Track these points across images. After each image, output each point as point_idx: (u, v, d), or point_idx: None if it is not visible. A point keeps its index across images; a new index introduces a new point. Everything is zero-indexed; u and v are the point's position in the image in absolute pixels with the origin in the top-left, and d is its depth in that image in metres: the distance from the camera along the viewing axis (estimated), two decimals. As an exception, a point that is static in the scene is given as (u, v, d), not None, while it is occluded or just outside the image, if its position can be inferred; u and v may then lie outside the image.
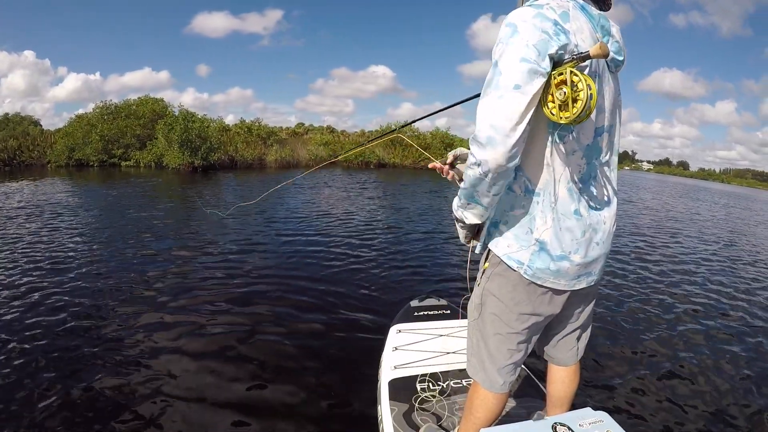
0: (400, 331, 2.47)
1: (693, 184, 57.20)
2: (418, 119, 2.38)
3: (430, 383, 2.02)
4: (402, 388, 1.98)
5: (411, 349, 2.27)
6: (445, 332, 2.44)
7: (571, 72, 0.98)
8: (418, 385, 2.00)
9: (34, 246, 5.37)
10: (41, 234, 6.01)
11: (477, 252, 1.37)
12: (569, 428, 1.17)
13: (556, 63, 1.02)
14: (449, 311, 2.73)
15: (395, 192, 13.42)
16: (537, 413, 1.77)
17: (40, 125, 26.33)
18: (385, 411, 1.85)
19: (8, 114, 27.17)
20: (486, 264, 1.31)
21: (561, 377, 1.50)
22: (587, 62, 1.05)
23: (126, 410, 2.31)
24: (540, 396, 1.92)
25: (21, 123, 25.30)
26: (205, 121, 19.79)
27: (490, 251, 1.28)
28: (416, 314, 2.68)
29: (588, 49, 0.98)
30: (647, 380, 2.86)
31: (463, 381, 2.04)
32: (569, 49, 1.02)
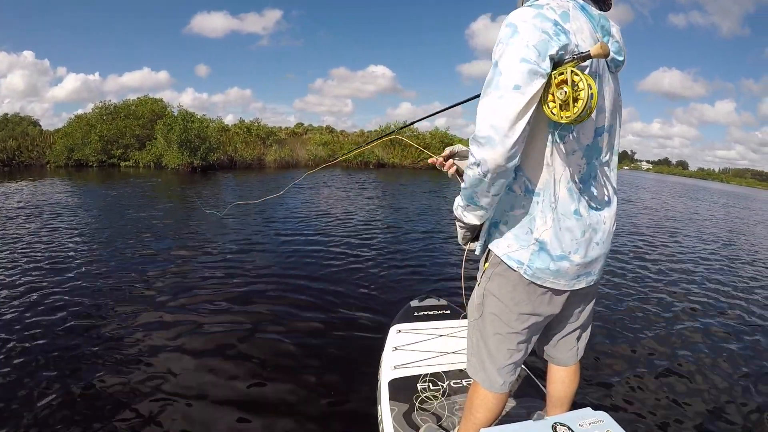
0: (400, 331, 2.46)
1: (692, 184, 57.20)
2: (418, 120, 2.35)
3: (430, 383, 2.02)
4: (402, 388, 1.98)
5: (411, 349, 2.27)
6: (445, 332, 2.44)
7: (572, 72, 0.98)
8: (419, 385, 2.00)
9: (34, 246, 5.36)
10: (41, 234, 6.00)
11: (477, 253, 1.37)
12: (569, 428, 1.17)
13: (557, 63, 1.02)
14: (449, 311, 2.73)
15: (394, 192, 13.41)
16: (537, 413, 1.77)
17: (40, 125, 26.43)
18: (385, 411, 1.85)
19: (7, 114, 27.25)
20: (486, 264, 1.31)
21: (561, 377, 1.50)
22: (588, 62, 1.05)
23: (126, 408, 2.31)
24: (540, 396, 1.92)
25: (20, 123, 25.33)
26: (204, 122, 19.80)
27: (490, 251, 1.28)
28: (416, 314, 2.68)
29: (588, 49, 0.98)
30: (647, 379, 2.87)
31: (463, 381, 2.04)
32: (570, 50, 1.02)
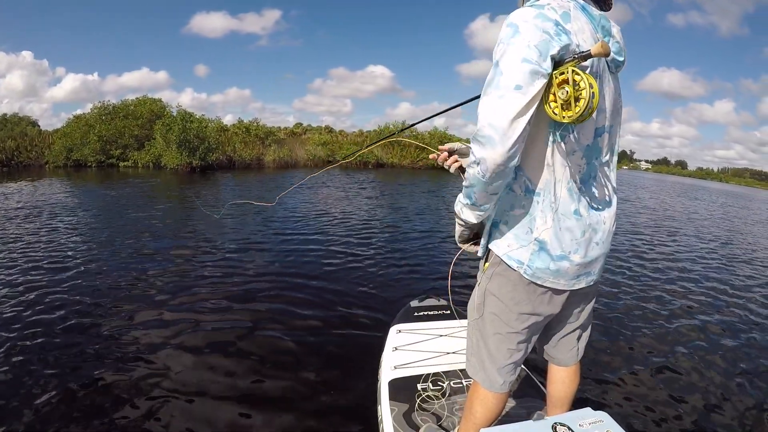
0: (400, 332, 2.46)
1: (691, 184, 57.26)
2: (419, 122, 2.34)
3: (431, 383, 2.02)
4: (402, 388, 1.98)
5: (411, 350, 2.27)
6: (445, 332, 2.44)
7: (573, 71, 0.97)
8: (419, 385, 2.00)
9: (33, 246, 5.35)
10: (40, 234, 5.99)
11: (479, 254, 1.36)
12: (569, 428, 1.17)
13: (557, 63, 1.02)
14: (449, 311, 2.73)
15: (393, 192, 13.40)
16: (537, 413, 1.78)
17: (38, 126, 26.33)
18: (385, 411, 1.85)
19: (6, 114, 27.11)
20: (486, 264, 1.31)
21: (561, 377, 1.50)
22: (588, 62, 1.05)
23: (126, 405, 2.33)
24: (540, 396, 1.92)
25: (19, 123, 25.24)
26: (203, 122, 19.75)
27: (491, 251, 1.28)
28: (416, 314, 2.68)
29: (589, 49, 0.98)
30: (646, 378, 2.87)
31: (464, 381, 2.04)
32: (571, 50, 1.02)
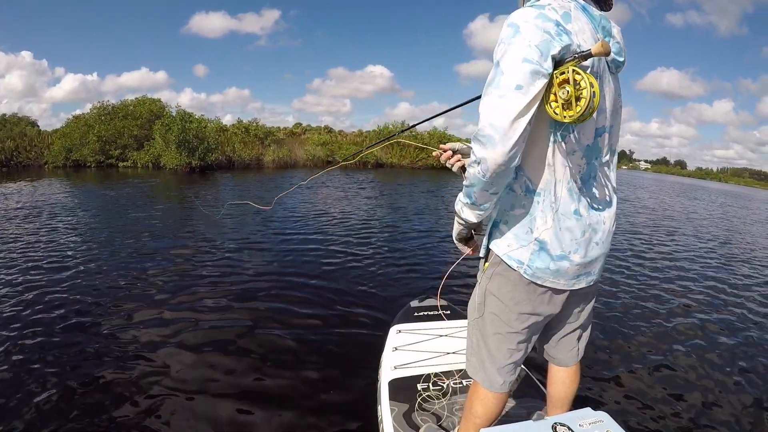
0: (400, 332, 2.46)
1: (690, 183, 57.28)
2: (420, 122, 2.33)
3: (431, 383, 2.02)
4: (402, 389, 1.98)
5: (411, 350, 2.27)
6: (445, 332, 2.44)
7: (574, 70, 0.97)
8: (419, 386, 2.00)
9: (33, 246, 5.35)
10: (40, 234, 5.99)
11: (480, 255, 1.37)
12: (569, 428, 1.17)
13: (558, 63, 1.02)
14: (449, 311, 2.73)
15: (393, 192, 13.39)
16: (537, 413, 1.78)
17: (38, 126, 26.34)
18: (385, 411, 1.85)
19: (5, 115, 27.09)
20: (486, 264, 1.31)
21: (561, 378, 1.50)
22: (589, 62, 1.06)
23: (127, 402, 2.34)
24: (540, 396, 1.93)
25: (18, 124, 25.23)
26: (203, 122, 19.74)
27: (491, 251, 1.28)
28: (416, 314, 2.68)
29: (589, 49, 0.98)
30: (646, 377, 2.88)
31: (464, 381, 2.04)
32: (571, 50, 1.02)
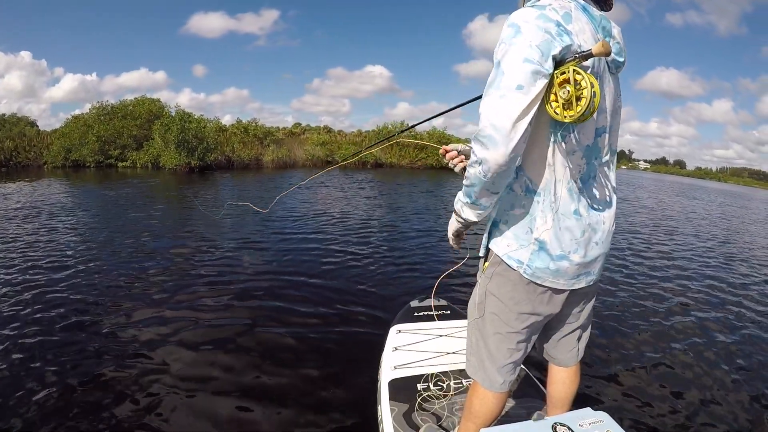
0: (400, 332, 2.46)
1: (689, 183, 57.35)
2: (420, 123, 2.33)
3: (431, 383, 2.02)
4: (402, 389, 1.98)
5: (411, 350, 2.27)
6: (445, 332, 2.44)
7: (574, 70, 0.97)
8: (419, 386, 2.00)
9: (33, 246, 5.35)
10: (39, 234, 5.98)
11: (479, 255, 1.37)
12: (569, 428, 1.17)
13: (558, 63, 1.02)
14: (449, 311, 2.73)
15: (392, 192, 13.40)
16: (537, 413, 1.78)
17: (37, 126, 26.25)
18: (385, 411, 1.85)
19: (5, 115, 26.98)
20: (486, 264, 1.31)
21: (562, 378, 1.50)
22: (589, 62, 1.06)
23: (127, 400, 2.35)
24: (540, 396, 1.93)
25: (17, 124, 25.16)
26: (202, 122, 19.71)
27: (490, 251, 1.28)
28: (416, 314, 2.68)
29: (590, 49, 0.98)
30: (645, 376, 2.88)
31: (464, 381, 2.04)
32: (572, 51, 1.02)
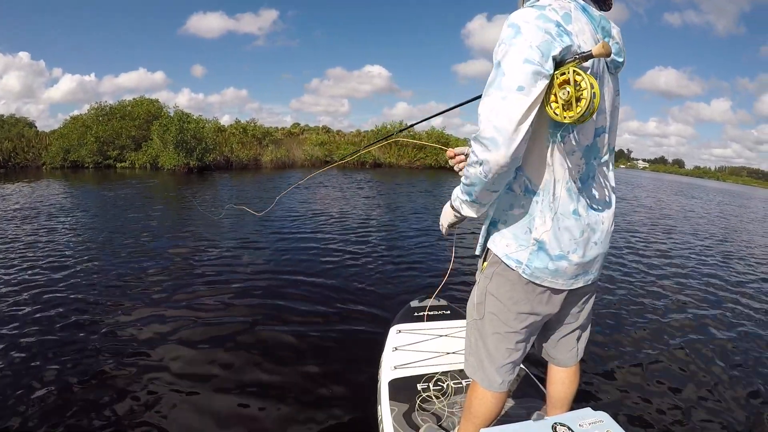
0: (400, 332, 2.46)
1: (688, 182, 57.42)
2: (418, 122, 2.33)
3: (431, 383, 2.02)
4: (402, 389, 1.98)
5: (411, 350, 2.27)
6: (445, 332, 2.44)
7: (574, 71, 0.97)
8: (419, 386, 2.00)
9: (32, 246, 5.35)
10: (38, 235, 5.98)
11: (476, 253, 1.37)
12: (569, 428, 1.17)
13: (558, 63, 1.01)
14: (449, 311, 2.73)
15: (391, 191, 13.40)
16: (537, 413, 1.78)
17: (35, 127, 26.20)
18: (385, 411, 1.85)
19: (3, 116, 26.83)
20: (485, 264, 1.31)
21: (561, 378, 1.51)
22: (589, 62, 1.05)
23: (127, 398, 2.37)
24: (540, 396, 1.93)
25: (16, 125, 25.07)
26: (201, 122, 19.67)
27: (489, 250, 1.28)
28: (416, 314, 2.68)
29: (590, 49, 0.98)
30: (645, 375, 2.88)
31: (464, 381, 2.04)
32: (572, 51, 1.02)
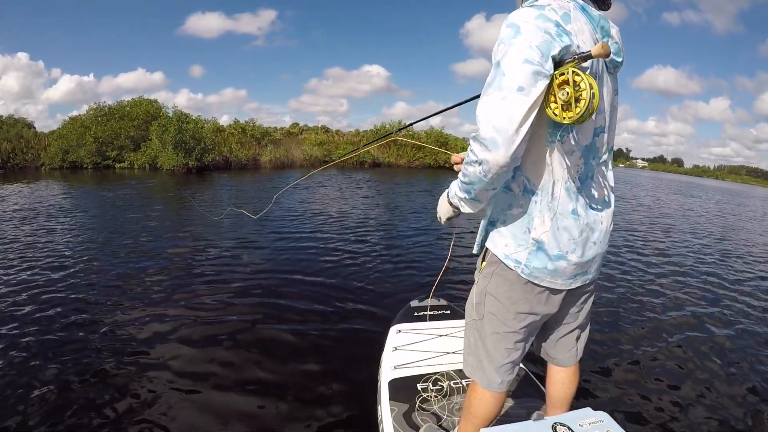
0: (400, 331, 2.46)
1: (687, 181, 57.45)
2: (416, 121, 2.34)
3: (431, 383, 2.02)
4: (402, 389, 1.98)
5: (411, 350, 2.27)
6: (445, 332, 2.44)
7: (573, 72, 0.97)
8: (419, 386, 2.00)
9: (32, 246, 5.35)
10: (38, 235, 5.97)
11: (474, 252, 1.37)
12: (569, 428, 1.17)
13: (557, 64, 1.01)
14: (449, 311, 2.73)
15: (390, 191, 13.39)
16: (537, 413, 1.78)
17: (34, 128, 26.18)
18: (385, 411, 1.85)
19: (2, 116, 26.73)
20: (483, 263, 1.31)
21: (561, 378, 1.51)
22: (588, 63, 1.05)
23: (127, 396, 2.38)
24: (540, 396, 1.93)
25: (15, 125, 25.02)
26: (199, 122, 19.61)
27: (488, 250, 1.28)
28: (416, 314, 2.68)
29: (589, 50, 0.98)
30: (642, 372, 2.90)
31: (463, 381, 2.04)
32: (571, 51, 1.02)
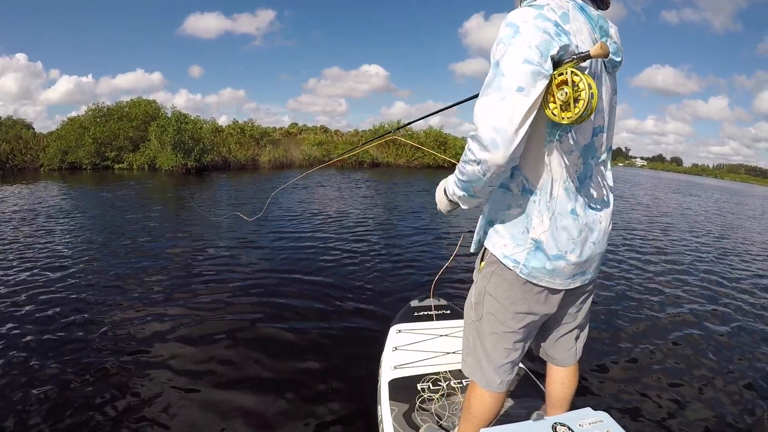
0: (400, 331, 2.47)
1: (686, 180, 57.48)
2: (415, 121, 2.34)
3: (431, 383, 2.02)
4: (402, 388, 1.98)
5: (411, 350, 2.27)
6: (445, 332, 2.44)
7: (572, 72, 0.97)
8: (419, 386, 2.00)
9: (31, 247, 5.35)
10: (37, 236, 5.98)
11: (472, 251, 1.37)
12: (569, 428, 1.17)
13: (556, 64, 1.01)
14: (449, 311, 2.73)
15: (389, 191, 13.40)
16: (537, 413, 1.78)
17: (33, 129, 26.24)
18: (385, 411, 1.85)
19: (0, 117, 26.88)
20: (482, 263, 1.31)
21: (560, 378, 1.51)
22: (587, 63, 1.05)
23: (127, 395, 2.39)
24: (540, 396, 1.93)
25: (13, 126, 25.08)
26: (198, 123, 19.61)
27: (486, 250, 1.28)
28: (416, 314, 2.68)
29: (588, 50, 0.98)
30: (641, 370, 2.90)
31: (464, 381, 2.04)
32: (570, 51, 1.02)
